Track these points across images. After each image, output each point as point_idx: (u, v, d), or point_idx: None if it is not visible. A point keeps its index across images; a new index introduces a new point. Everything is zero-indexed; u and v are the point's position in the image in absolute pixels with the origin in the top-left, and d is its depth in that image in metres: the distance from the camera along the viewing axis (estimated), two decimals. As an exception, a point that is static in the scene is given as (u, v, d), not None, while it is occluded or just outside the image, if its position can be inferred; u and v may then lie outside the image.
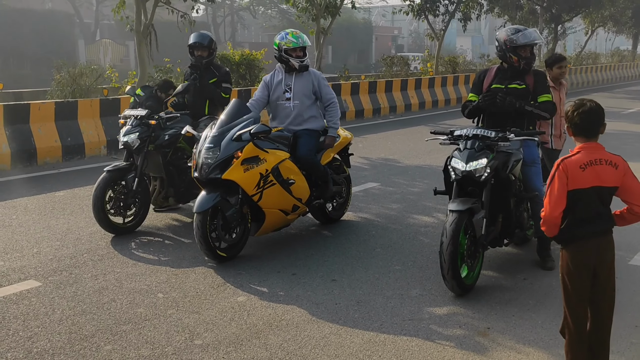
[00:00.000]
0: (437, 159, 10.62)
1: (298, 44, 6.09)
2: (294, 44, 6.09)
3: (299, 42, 6.10)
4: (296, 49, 6.11)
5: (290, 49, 6.10)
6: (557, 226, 3.32)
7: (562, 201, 3.27)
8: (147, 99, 7.59)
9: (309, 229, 6.66)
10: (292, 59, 6.11)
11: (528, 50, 5.41)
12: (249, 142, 5.48)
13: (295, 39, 6.10)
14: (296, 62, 6.12)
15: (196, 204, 5.39)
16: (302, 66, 6.17)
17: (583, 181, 3.25)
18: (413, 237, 6.34)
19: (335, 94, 6.42)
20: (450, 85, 20.34)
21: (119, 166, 6.36)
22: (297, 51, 6.13)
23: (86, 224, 6.75)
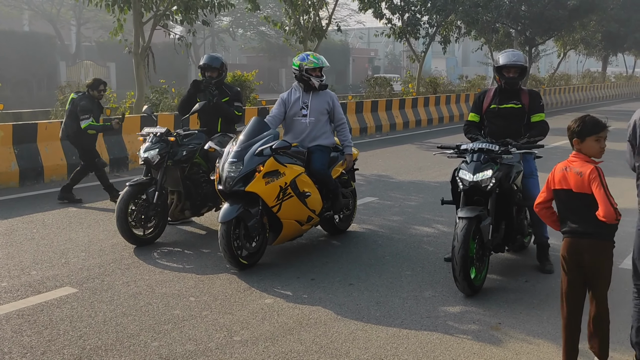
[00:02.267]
0: (427, 175, 11.12)
1: (319, 64, 6.56)
2: (315, 64, 6.55)
3: (319, 62, 6.57)
4: (316, 69, 6.57)
5: (311, 69, 6.56)
6: (544, 216, 4.03)
7: (543, 195, 3.99)
8: (80, 99, 8.51)
9: (319, 239, 7.07)
10: (312, 78, 6.57)
11: (512, 71, 5.91)
12: (270, 156, 5.90)
13: (316, 60, 6.57)
14: (316, 81, 6.58)
15: (220, 214, 5.77)
16: (322, 85, 6.62)
17: (557, 182, 3.86)
18: (418, 246, 6.78)
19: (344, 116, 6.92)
20: (432, 105, 20.98)
21: (140, 181, 6.72)
22: (317, 71, 6.59)
23: (105, 236, 7.07)
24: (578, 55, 41.06)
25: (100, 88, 8.67)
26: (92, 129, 8.51)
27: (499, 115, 6.00)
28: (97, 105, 8.74)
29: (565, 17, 28.08)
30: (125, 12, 12.96)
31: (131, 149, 11.39)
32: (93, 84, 8.68)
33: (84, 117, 8.46)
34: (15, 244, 6.74)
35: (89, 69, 39.48)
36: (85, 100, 8.52)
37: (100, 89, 8.67)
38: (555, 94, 30.99)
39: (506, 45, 30.71)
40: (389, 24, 23.30)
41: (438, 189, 9.89)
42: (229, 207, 5.81)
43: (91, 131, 8.52)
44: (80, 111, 8.48)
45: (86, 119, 8.45)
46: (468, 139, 6.17)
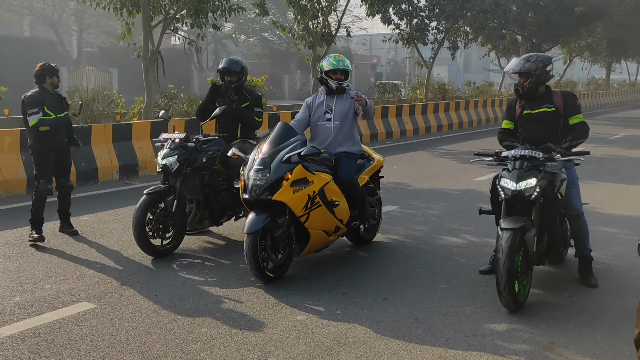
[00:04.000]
0: (446, 182, 10.82)
1: (337, 66, 6.25)
2: (333, 65, 6.25)
3: (339, 64, 6.26)
4: (336, 71, 6.27)
5: (330, 71, 6.26)
6: None
7: None
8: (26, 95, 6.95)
9: (344, 249, 6.76)
10: (330, 81, 6.27)
11: (519, 77, 5.60)
12: (298, 164, 5.59)
13: (335, 62, 6.27)
14: (334, 83, 6.27)
15: (246, 225, 5.47)
16: (340, 88, 6.31)
17: None
18: (448, 257, 6.47)
19: None
20: (442, 112, 20.71)
21: (158, 189, 6.41)
22: (337, 73, 6.28)
23: (120, 247, 6.76)
24: (583, 62, 40.85)
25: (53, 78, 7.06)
26: (44, 125, 6.81)
27: (532, 120, 5.67)
28: (56, 98, 7.08)
29: (572, 24, 27.85)
30: (134, 16, 12.69)
31: (141, 155, 11.08)
32: (41, 73, 7.03)
33: (32, 112, 6.77)
34: (26, 255, 6.43)
35: (91, 74, 39.22)
36: (30, 93, 6.92)
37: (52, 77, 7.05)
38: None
39: (512, 52, 30.50)
40: (397, 29, 23.05)
41: (459, 197, 9.59)
42: (255, 217, 5.50)
43: (44, 128, 6.81)
44: (25, 106, 6.84)
45: (34, 114, 6.75)
46: (504, 147, 5.84)
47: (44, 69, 7.05)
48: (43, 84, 7.04)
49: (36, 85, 7.07)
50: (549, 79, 5.60)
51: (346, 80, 6.35)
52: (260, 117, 7.15)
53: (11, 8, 40.75)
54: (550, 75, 5.60)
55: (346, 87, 6.38)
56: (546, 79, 5.57)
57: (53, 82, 7.09)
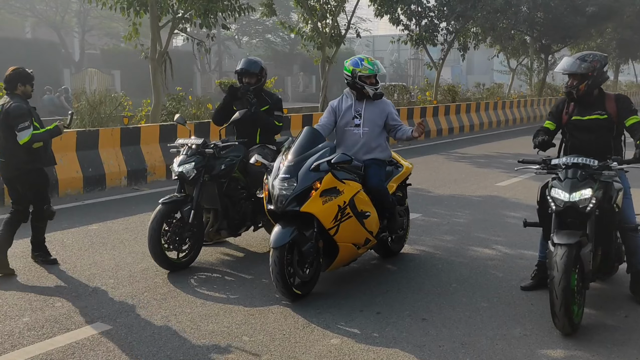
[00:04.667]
0: (466, 188, 10.42)
1: (374, 71, 5.85)
2: (370, 70, 5.84)
3: (375, 69, 5.86)
4: (371, 76, 5.87)
5: (365, 76, 5.86)
6: None
7: None
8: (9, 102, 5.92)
9: (371, 262, 6.35)
10: (367, 87, 5.86)
11: (572, 79, 5.18)
12: (328, 172, 5.19)
13: (371, 66, 5.86)
14: (371, 89, 5.88)
15: (272, 238, 5.06)
16: (377, 94, 5.93)
17: None
18: (484, 271, 6.06)
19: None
20: (452, 114, 20.31)
21: (174, 198, 6.01)
22: (372, 78, 5.89)
23: (133, 259, 6.35)
24: (591, 63, 40.33)
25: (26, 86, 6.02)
26: (37, 141, 5.90)
27: (582, 128, 5.24)
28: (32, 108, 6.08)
29: (583, 24, 27.41)
30: (142, 16, 12.29)
31: (150, 160, 10.68)
32: (12, 78, 5.96)
33: (23, 127, 5.76)
34: (34, 269, 6.03)
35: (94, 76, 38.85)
36: (16, 102, 5.88)
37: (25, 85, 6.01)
38: (571, 102, 30.31)
39: (521, 52, 30.09)
40: (406, 30, 22.64)
41: (483, 204, 9.18)
42: (281, 229, 5.09)
43: (37, 144, 5.93)
44: (14, 119, 5.78)
45: (26, 129, 5.76)
46: (537, 143, 5.38)
47: (17, 74, 5.98)
48: (14, 91, 5.97)
49: (6, 93, 6.03)
50: (605, 80, 5.18)
51: (379, 85, 5.96)
52: (281, 121, 6.74)
53: (13, 9, 40.41)
54: (606, 76, 5.18)
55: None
56: (602, 81, 5.15)
57: (26, 90, 6.01)
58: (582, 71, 5.07)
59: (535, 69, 31.11)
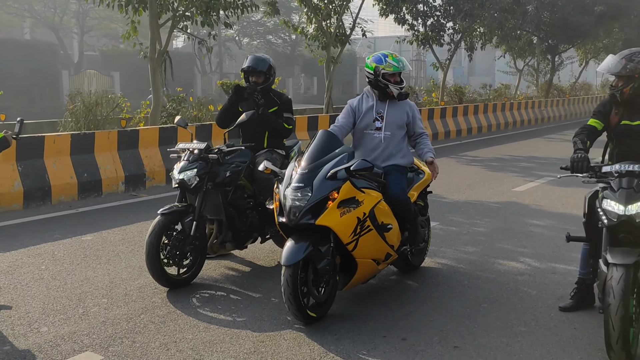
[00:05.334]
0: (481, 194, 9.86)
1: (399, 68, 5.31)
2: (395, 68, 5.30)
3: (400, 66, 5.32)
4: (395, 74, 5.33)
5: (389, 74, 5.32)
6: None
7: None
8: None
9: (390, 278, 5.80)
10: (391, 85, 5.32)
11: (617, 80, 4.64)
12: (346, 180, 4.64)
13: (396, 63, 5.31)
14: (395, 89, 5.34)
15: (284, 255, 4.51)
16: (402, 94, 5.39)
17: None
18: (515, 288, 5.51)
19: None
20: (460, 116, 19.76)
21: (175, 208, 5.46)
22: (396, 76, 5.35)
23: (129, 275, 5.81)
24: (597, 63, 39.82)
25: None
26: None
27: (632, 134, 4.65)
28: None
29: (592, 23, 26.88)
30: (140, 14, 11.75)
31: (149, 164, 10.13)
32: None
33: None
34: (19, 287, 5.47)
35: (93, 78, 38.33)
36: None
37: None
38: (578, 103, 29.80)
39: (528, 53, 29.54)
40: (411, 30, 22.11)
41: (502, 212, 8.63)
42: (294, 245, 4.54)
43: None
44: None
45: None
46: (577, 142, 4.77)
47: None
48: None
49: None
50: None
51: (404, 84, 5.42)
52: (291, 124, 6.20)
53: (11, 10, 39.86)
54: None
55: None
56: None
57: None
58: (627, 73, 4.53)
59: (542, 70, 30.54)
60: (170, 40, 11.83)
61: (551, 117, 26.05)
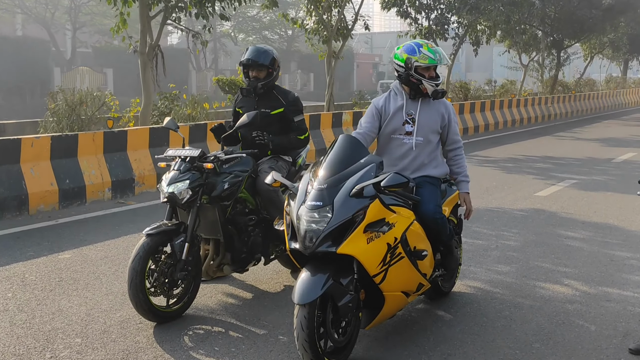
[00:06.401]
0: (502, 200, 9.00)
1: (435, 61, 4.43)
2: (430, 60, 4.42)
3: (437, 58, 4.44)
4: (430, 67, 4.46)
5: (423, 67, 4.45)
6: None
7: None
8: None
9: (417, 308, 4.93)
10: (425, 81, 4.45)
11: None
12: (375, 199, 3.77)
13: (432, 54, 4.43)
14: (430, 85, 4.46)
15: (297, 291, 3.64)
16: (437, 92, 4.51)
17: None
18: (568, 322, 4.65)
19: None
20: (467, 113, 18.90)
21: (163, 227, 4.57)
22: (431, 71, 4.48)
23: (110, 304, 4.93)
24: (601, 59, 39.06)
25: None
26: None
27: None
28: None
29: (599, 17, 26.05)
30: (130, 5, 10.83)
31: (138, 168, 9.23)
32: None
33: None
34: (-22, 322, 4.59)
35: (85, 75, 37.39)
36: None
37: None
38: (583, 100, 28.98)
39: (532, 48, 28.69)
40: (414, 23, 21.24)
41: (530, 221, 7.77)
42: (309, 278, 3.67)
43: None
44: None
45: None
46: None
47: None
48: None
49: None
50: None
51: (440, 80, 4.53)
52: (304, 132, 5.30)
53: (2, 6, 38.82)
54: None
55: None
56: None
57: None
58: None
59: (547, 65, 29.71)
60: (163, 35, 10.91)
61: (557, 114, 25.22)
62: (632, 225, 7.54)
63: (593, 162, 13.02)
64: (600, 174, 11.47)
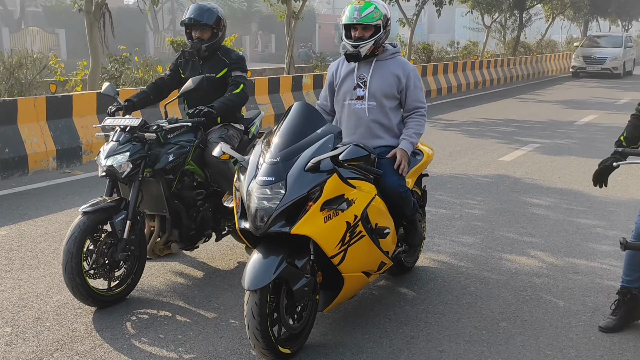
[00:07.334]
0: (466, 166, 8.77)
1: (351, 19, 3.99)
2: (347, 19, 4.00)
3: (354, 16, 4.00)
4: (357, 27, 4.02)
5: (347, 26, 4.06)
6: None
7: None
8: None
9: (379, 285, 4.65)
10: (346, 41, 4.06)
11: None
12: (333, 173, 3.42)
13: (350, 12, 3.99)
14: (349, 45, 4.06)
15: (247, 275, 3.30)
16: (352, 55, 4.07)
17: None
18: (536, 298, 4.42)
19: (426, 103, 4.38)
20: (430, 75, 18.59)
21: (102, 204, 4.17)
22: (360, 30, 4.06)
23: (47, 288, 4.53)
24: (563, 20, 39.05)
25: None
26: None
27: None
28: None
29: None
30: (74, -40, 10.13)
31: (85, 135, 8.71)
32: None
33: None
34: None
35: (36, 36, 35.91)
36: None
37: None
38: (545, 61, 28.95)
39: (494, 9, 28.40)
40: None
41: (494, 188, 7.55)
42: (261, 260, 3.34)
43: None
44: None
45: None
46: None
47: None
48: None
49: None
50: None
51: (371, 41, 4.09)
52: (237, 87, 4.82)
53: (-57, -38, 36.87)
54: None
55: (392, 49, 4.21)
56: None
57: None
58: None
59: (509, 27, 29.51)
60: None
61: (520, 76, 25.11)
62: (597, 191, 7.37)
63: (556, 125, 12.90)
64: (563, 138, 11.34)
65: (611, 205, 6.75)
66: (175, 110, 9.01)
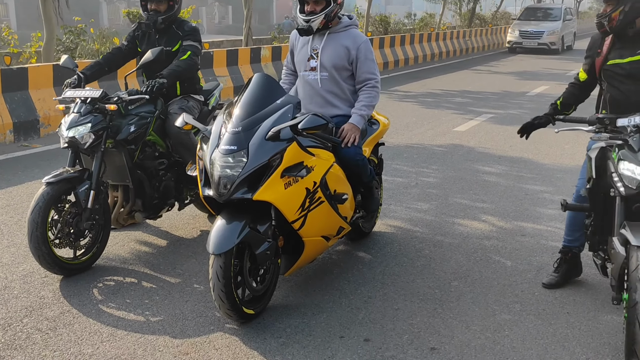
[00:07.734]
0: (422, 136, 9.02)
1: None
2: None
3: None
4: (305, 0, 4.17)
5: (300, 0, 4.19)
6: None
7: None
8: None
9: (338, 250, 4.85)
10: (299, 15, 4.19)
11: (606, 4, 3.78)
12: (292, 141, 3.57)
13: None
14: (302, 19, 4.19)
15: (212, 240, 3.45)
16: (305, 29, 4.20)
17: None
18: (485, 259, 4.69)
19: (379, 74, 4.52)
20: (387, 47, 18.76)
21: (65, 175, 4.24)
22: (311, 4, 4.18)
23: (12, 258, 4.60)
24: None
25: None
26: None
27: (622, 74, 3.78)
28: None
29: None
30: None
31: (42, 108, 8.64)
32: None
33: None
34: None
35: (-17, 6, 34.78)
36: None
37: None
38: (500, 33, 29.39)
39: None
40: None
41: (448, 157, 7.81)
42: (225, 226, 3.49)
43: None
44: None
45: None
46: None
47: None
48: None
49: None
50: None
51: (321, 15, 4.17)
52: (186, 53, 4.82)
53: None
54: None
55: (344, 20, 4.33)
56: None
57: None
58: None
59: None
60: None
61: (475, 48, 25.49)
62: (545, 158, 7.71)
63: (509, 96, 13.24)
64: (515, 108, 11.67)
65: (558, 172, 7.07)
66: (134, 82, 8.99)
